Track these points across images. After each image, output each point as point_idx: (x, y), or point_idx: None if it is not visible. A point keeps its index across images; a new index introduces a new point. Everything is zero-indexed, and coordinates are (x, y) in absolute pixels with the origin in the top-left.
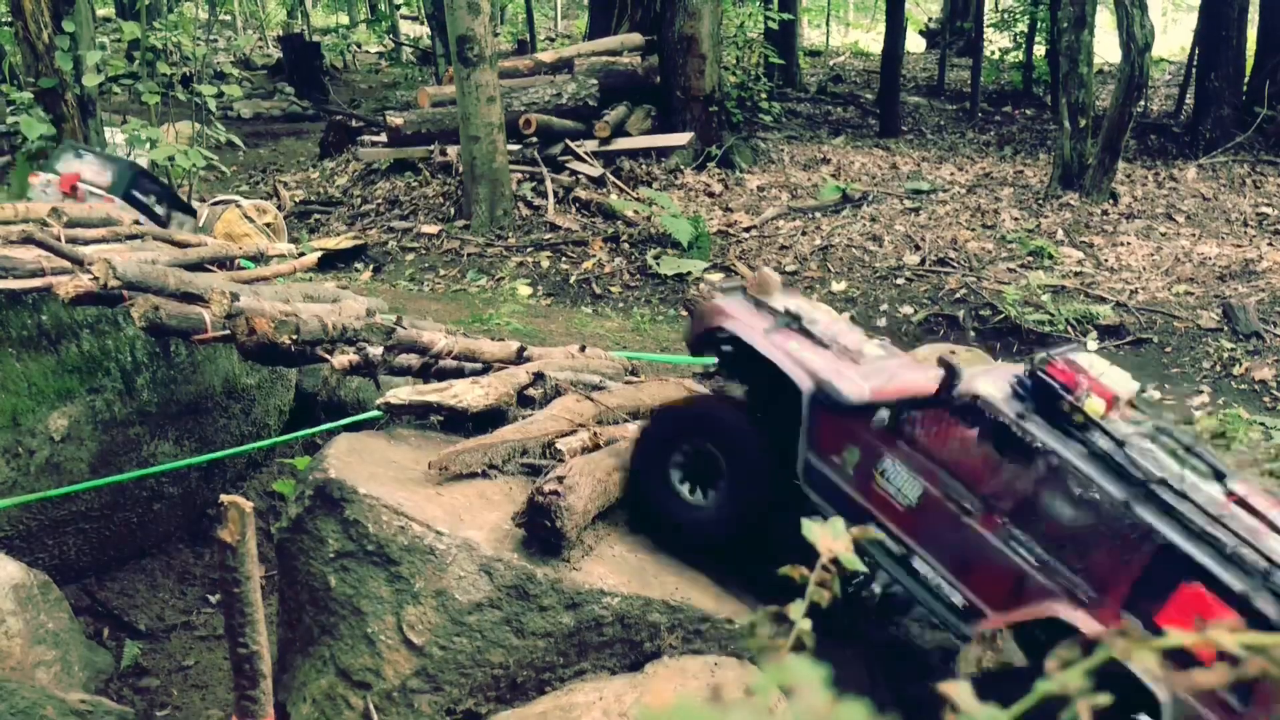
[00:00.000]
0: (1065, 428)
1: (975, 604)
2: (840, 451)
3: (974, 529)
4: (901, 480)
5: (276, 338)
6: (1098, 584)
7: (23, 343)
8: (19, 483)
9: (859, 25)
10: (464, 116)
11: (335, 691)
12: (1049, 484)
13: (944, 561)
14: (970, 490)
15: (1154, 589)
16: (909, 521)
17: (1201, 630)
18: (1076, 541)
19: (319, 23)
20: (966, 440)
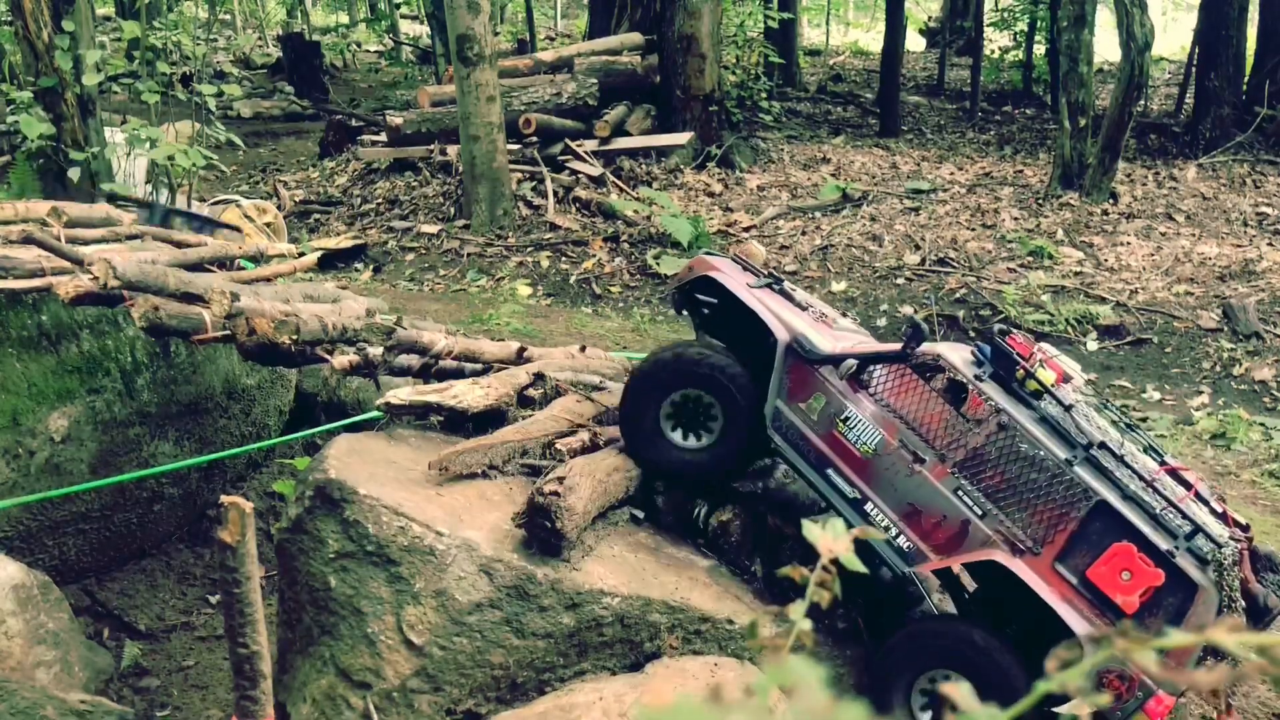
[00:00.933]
0: (1017, 392)
1: (920, 548)
2: (807, 399)
3: (925, 477)
4: (862, 429)
5: (276, 338)
6: (1036, 536)
7: (23, 343)
8: (19, 483)
9: (859, 24)
10: (464, 116)
11: (335, 691)
12: (998, 441)
13: (894, 507)
14: (925, 441)
15: (1088, 544)
16: (866, 468)
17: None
18: (1019, 496)
19: (319, 22)
20: (925, 396)
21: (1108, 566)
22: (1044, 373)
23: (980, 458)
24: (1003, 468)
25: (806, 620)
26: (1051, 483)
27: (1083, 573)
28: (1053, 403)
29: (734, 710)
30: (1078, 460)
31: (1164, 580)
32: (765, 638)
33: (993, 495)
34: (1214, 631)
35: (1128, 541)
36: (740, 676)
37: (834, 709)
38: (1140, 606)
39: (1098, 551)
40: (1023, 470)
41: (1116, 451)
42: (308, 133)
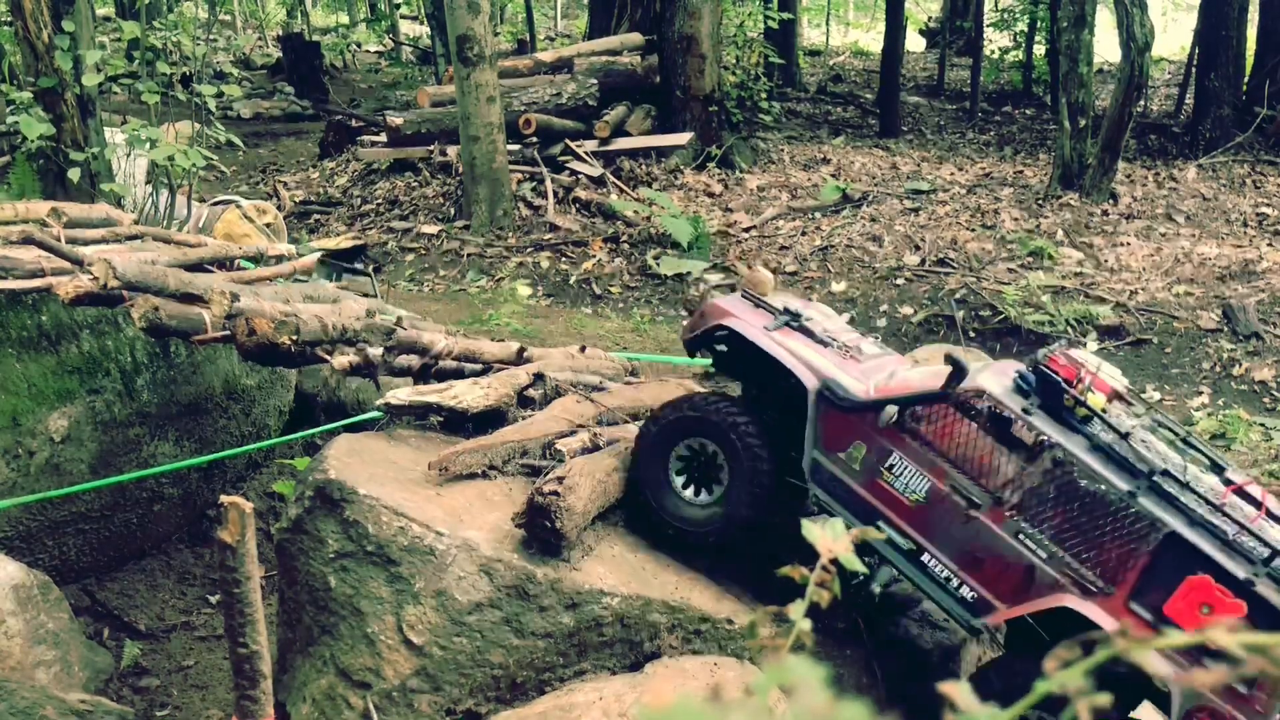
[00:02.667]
0: (1069, 421)
1: (985, 597)
2: (847, 449)
3: (982, 523)
4: (909, 476)
5: (276, 338)
6: (1106, 575)
7: (23, 343)
8: (19, 483)
9: (859, 25)
10: (464, 116)
11: (335, 691)
12: (1054, 477)
13: (953, 556)
14: (977, 484)
15: (1161, 578)
16: (917, 517)
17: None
18: (1083, 533)
19: (319, 22)
20: (972, 435)
21: (1185, 602)
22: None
23: (1039, 497)
24: (1063, 506)
25: (806, 620)
26: (1116, 517)
27: (1159, 610)
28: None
29: (734, 710)
30: (1141, 490)
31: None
32: (765, 638)
33: (1056, 536)
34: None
35: (1203, 573)
36: (740, 676)
37: (834, 709)
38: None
39: (1173, 586)
40: (1084, 507)
41: (1180, 477)
42: (308, 133)
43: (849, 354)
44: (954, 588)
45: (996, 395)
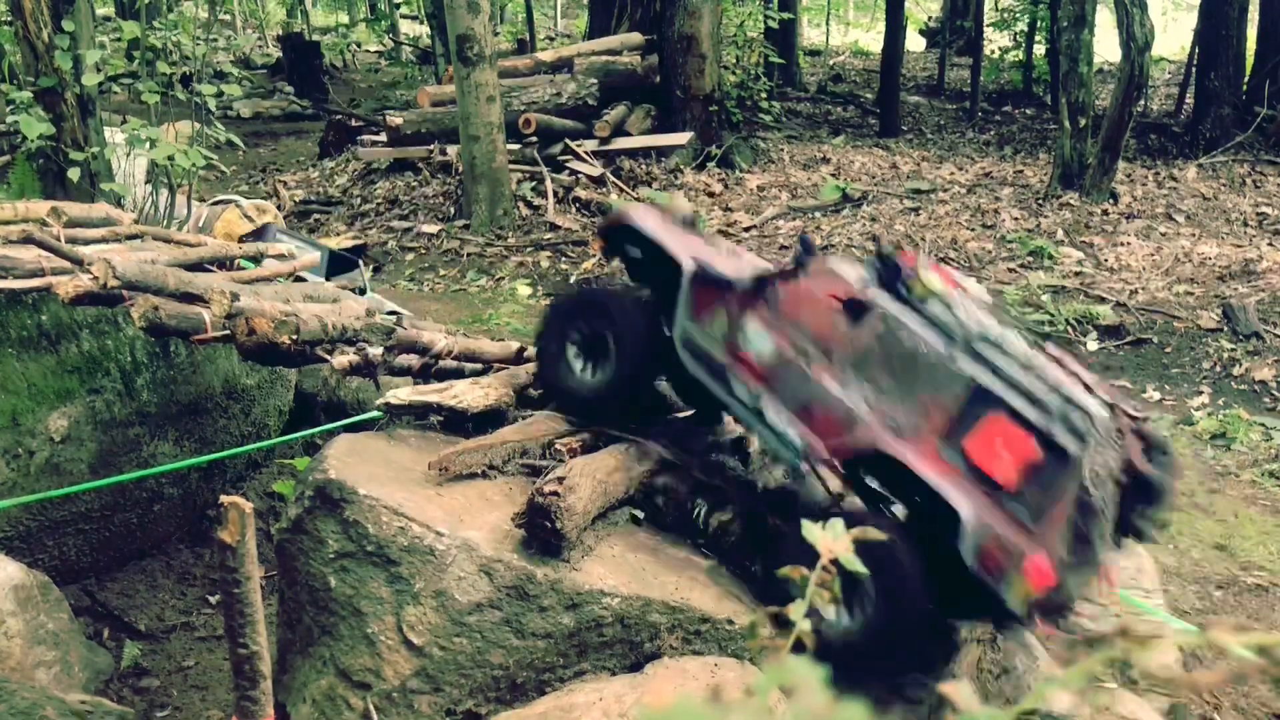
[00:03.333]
0: (903, 296)
1: (811, 443)
2: (711, 319)
3: (816, 378)
4: (759, 340)
5: (276, 338)
6: (918, 422)
7: (22, 343)
8: (19, 483)
9: (859, 24)
10: (464, 116)
11: (335, 692)
12: (882, 339)
13: (789, 407)
14: (815, 346)
15: (965, 424)
16: (762, 374)
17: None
18: (903, 387)
19: (319, 22)
20: (817, 307)
21: (983, 439)
22: (929, 276)
23: (867, 353)
24: (888, 359)
25: (806, 620)
26: (933, 373)
27: (961, 449)
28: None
29: (734, 710)
30: (957, 351)
31: (1040, 454)
32: (765, 638)
33: (878, 389)
34: (1214, 632)
35: (1006, 420)
36: (740, 676)
37: (834, 709)
38: (1019, 480)
39: (975, 427)
40: (906, 361)
41: (996, 342)
42: (308, 133)
43: (731, 253)
44: (788, 437)
45: (842, 272)
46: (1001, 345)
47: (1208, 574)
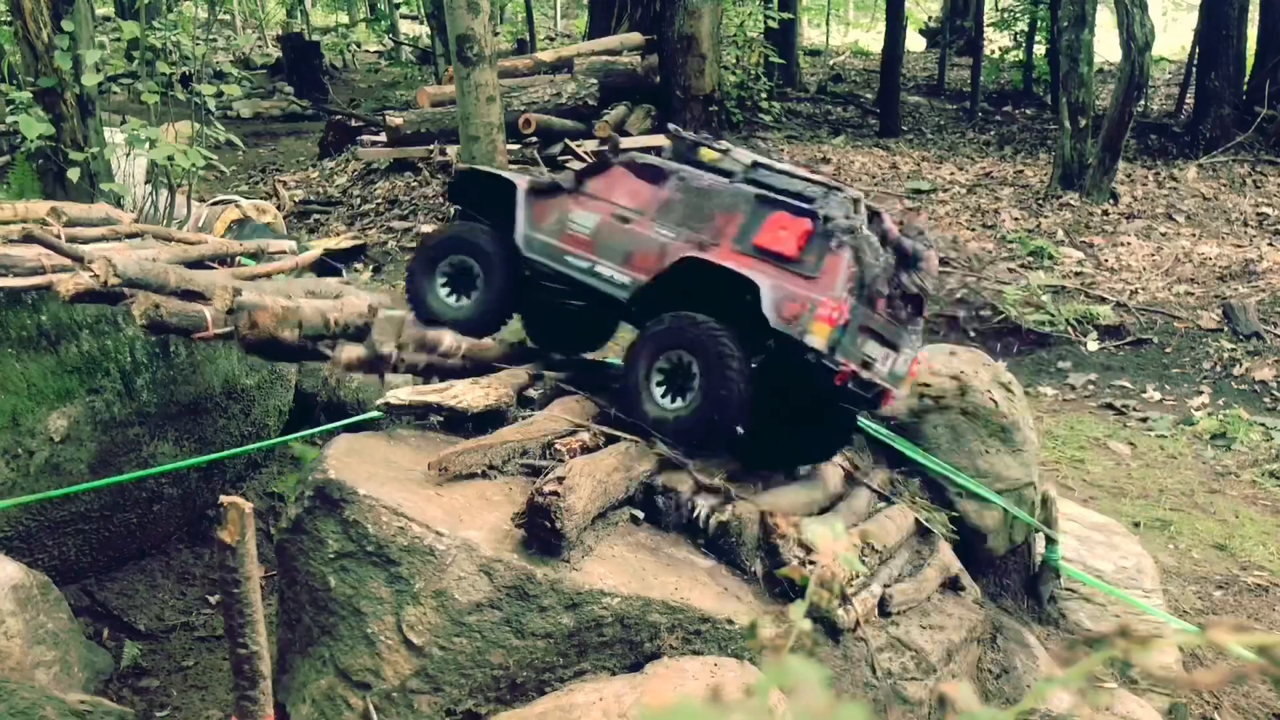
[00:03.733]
0: (692, 159)
1: (636, 277)
2: (546, 220)
3: (632, 230)
4: (584, 221)
5: (279, 332)
6: (714, 233)
7: (22, 343)
8: (19, 483)
9: (859, 24)
10: (463, 116)
11: (335, 692)
12: (680, 190)
13: (614, 259)
14: (629, 210)
15: (753, 226)
16: (591, 244)
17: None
18: (700, 214)
19: (318, 22)
20: (626, 184)
21: (770, 233)
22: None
23: (669, 203)
24: (685, 200)
25: (806, 620)
26: (722, 199)
27: (752, 244)
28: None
29: (734, 710)
30: (738, 178)
31: (812, 226)
32: (765, 638)
33: (682, 221)
34: (1214, 632)
35: (784, 214)
36: (740, 676)
37: (834, 709)
38: (799, 249)
39: (760, 226)
40: (699, 199)
41: (768, 166)
42: (307, 133)
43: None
44: (618, 281)
45: (645, 155)
46: (772, 169)
47: (1208, 574)
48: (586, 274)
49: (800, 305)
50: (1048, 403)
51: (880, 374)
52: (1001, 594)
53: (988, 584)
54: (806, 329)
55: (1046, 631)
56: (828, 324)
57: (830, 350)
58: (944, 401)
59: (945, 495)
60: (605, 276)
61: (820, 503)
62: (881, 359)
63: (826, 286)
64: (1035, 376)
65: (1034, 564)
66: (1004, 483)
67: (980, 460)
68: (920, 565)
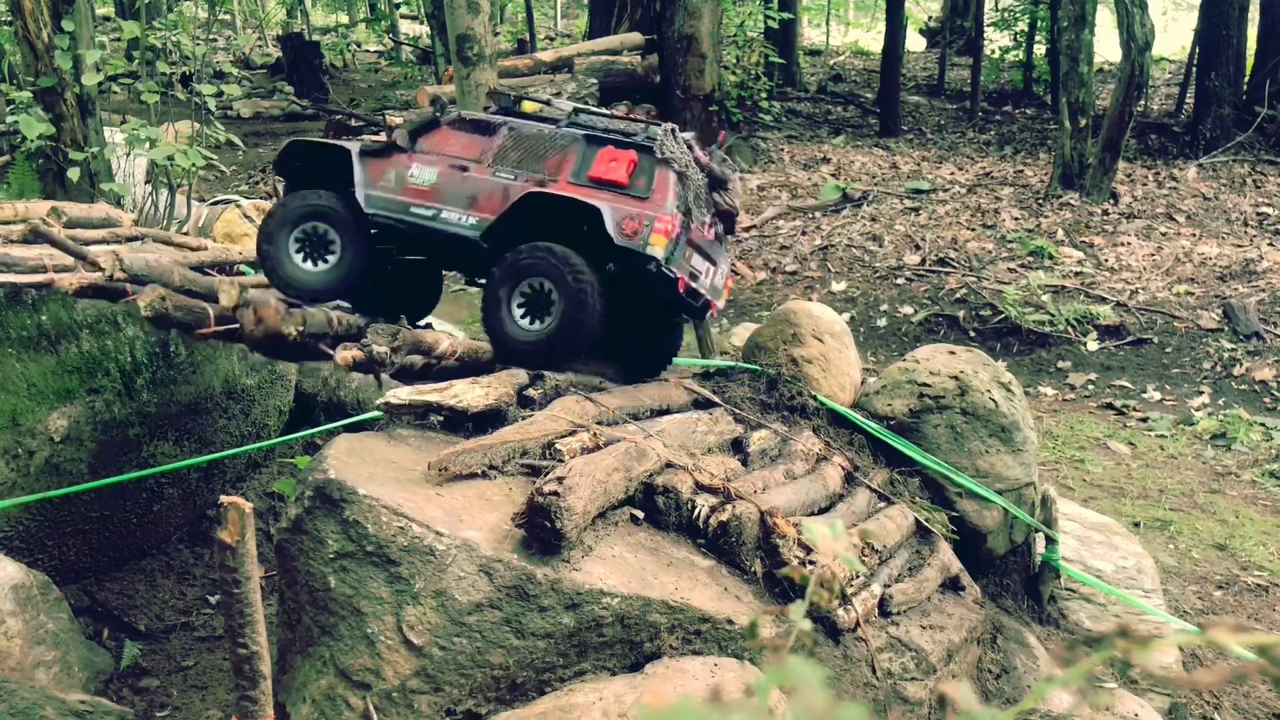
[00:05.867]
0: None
1: (484, 218)
2: (383, 178)
3: (472, 177)
4: (423, 174)
5: (283, 328)
6: (550, 171)
7: (23, 343)
8: (19, 483)
9: (859, 24)
10: None
11: (335, 692)
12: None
13: (459, 205)
14: (465, 159)
15: (587, 160)
16: (434, 194)
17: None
18: (535, 157)
19: (318, 22)
20: (458, 139)
21: (602, 165)
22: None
23: (504, 150)
24: (518, 147)
25: (806, 620)
26: (553, 143)
27: (587, 177)
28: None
29: (734, 710)
30: (564, 123)
31: (637, 156)
32: (765, 638)
33: (519, 164)
34: (1214, 632)
35: (609, 146)
36: (740, 676)
37: (834, 709)
38: (629, 176)
39: (593, 160)
40: (532, 144)
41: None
42: (308, 132)
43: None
44: (466, 223)
45: (472, 113)
46: (592, 113)
47: (1208, 574)
48: (432, 220)
49: (638, 222)
50: (1048, 403)
51: (705, 285)
52: (1001, 594)
53: (988, 584)
54: (647, 241)
55: (1046, 631)
56: (665, 235)
57: (667, 260)
58: (944, 401)
59: (945, 495)
60: (453, 221)
61: (820, 503)
62: (705, 273)
63: (659, 204)
64: (1035, 376)
65: (1034, 564)
66: (1004, 483)
67: (980, 460)
68: (920, 565)
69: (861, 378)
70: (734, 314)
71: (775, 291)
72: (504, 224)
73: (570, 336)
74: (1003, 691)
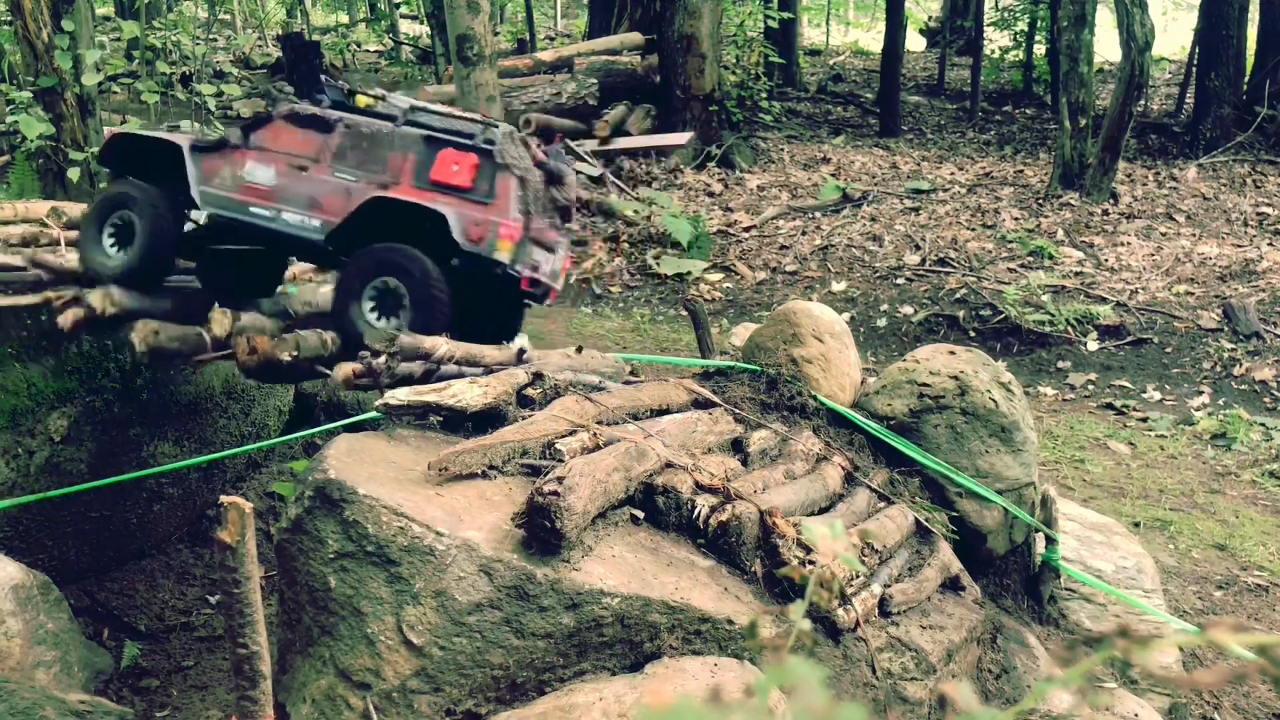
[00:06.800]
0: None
1: (328, 220)
2: (218, 175)
3: (314, 177)
4: (260, 173)
5: (278, 354)
6: (393, 172)
7: (22, 343)
8: (19, 483)
9: (859, 24)
10: None
11: (335, 692)
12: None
13: (300, 206)
14: (304, 158)
15: (427, 162)
16: (273, 195)
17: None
18: (374, 157)
19: (318, 22)
20: (293, 136)
21: (443, 168)
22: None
23: (342, 149)
24: (357, 146)
25: (806, 620)
26: (392, 142)
27: (430, 179)
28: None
29: (734, 710)
30: (400, 121)
31: (478, 159)
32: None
33: (359, 164)
34: (1214, 632)
35: (452, 150)
36: (740, 676)
37: (834, 709)
38: (471, 180)
39: (433, 162)
40: (370, 143)
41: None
42: None
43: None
44: (309, 225)
45: (303, 108)
46: (428, 110)
47: (1208, 574)
48: (273, 221)
49: (483, 228)
50: (1048, 403)
51: (546, 274)
52: (1001, 594)
53: (988, 584)
54: (494, 247)
55: (1046, 631)
56: (510, 240)
57: (513, 262)
58: (944, 401)
59: (945, 495)
60: (294, 223)
61: (820, 503)
62: (545, 262)
63: (502, 209)
64: (1035, 376)
65: (1034, 564)
66: (1004, 483)
67: (980, 460)
68: (920, 565)
69: (861, 378)
70: (734, 314)
71: (775, 291)
72: (348, 227)
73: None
74: (1003, 691)
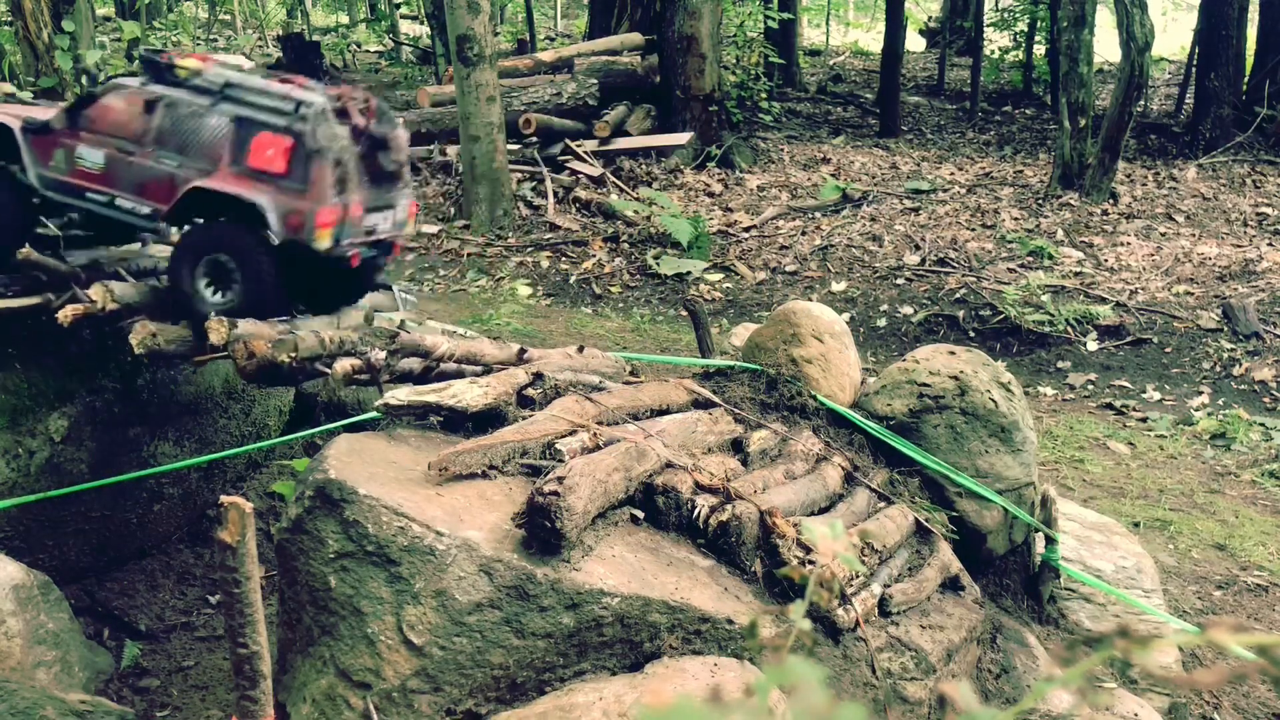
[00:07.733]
0: (171, 80)
1: (157, 208)
2: (52, 158)
3: (138, 162)
4: (90, 156)
5: (276, 357)
6: (212, 158)
7: (22, 343)
8: (19, 483)
9: (859, 24)
10: (464, 116)
11: (335, 692)
12: (169, 115)
13: (131, 191)
14: (129, 142)
15: (242, 145)
16: (104, 178)
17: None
18: (193, 142)
19: (319, 22)
20: (119, 116)
21: (259, 154)
22: (186, 61)
23: (163, 132)
24: (176, 128)
25: (806, 620)
26: (208, 124)
27: (247, 166)
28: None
29: (734, 710)
30: (215, 100)
31: (293, 143)
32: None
33: (180, 149)
34: (1214, 632)
35: (264, 132)
36: (740, 676)
37: (834, 709)
38: (287, 165)
39: (249, 148)
40: (190, 127)
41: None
42: None
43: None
44: (141, 211)
45: (124, 83)
46: (244, 86)
47: (1208, 574)
48: (108, 206)
49: (300, 217)
50: (1048, 403)
51: (385, 231)
52: (1001, 594)
53: (988, 584)
54: (312, 236)
55: (1046, 631)
56: (327, 228)
57: (335, 244)
58: (944, 401)
59: (945, 495)
60: (127, 209)
61: (820, 503)
62: (383, 221)
63: (318, 196)
64: (1035, 376)
65: (1034, 564)
66: (1004, 483)
67: (980, 460)
68: (920, 565)
69: (861, 378)
70: (734, 314)
71: (775, 291)
72: (176, 212)
73: (257, 307)
74: (1003, 691)
